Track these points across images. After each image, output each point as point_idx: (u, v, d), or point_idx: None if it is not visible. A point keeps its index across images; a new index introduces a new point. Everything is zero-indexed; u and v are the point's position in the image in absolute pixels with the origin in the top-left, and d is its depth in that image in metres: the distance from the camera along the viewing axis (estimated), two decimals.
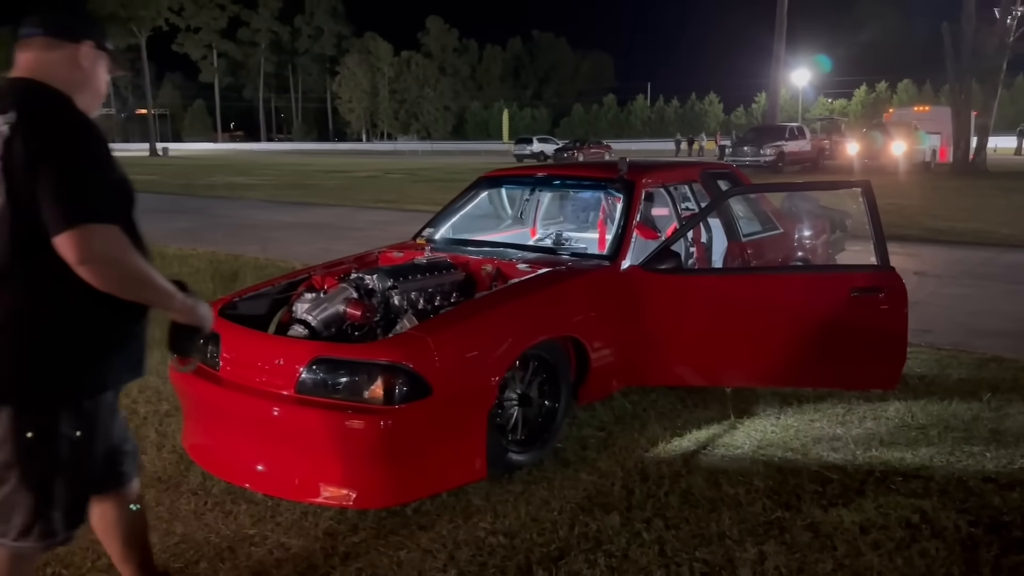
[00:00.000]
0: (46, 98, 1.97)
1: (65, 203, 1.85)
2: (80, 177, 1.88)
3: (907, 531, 2.94)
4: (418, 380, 3.03)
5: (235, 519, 3.08)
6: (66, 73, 2.03)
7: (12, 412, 1.95)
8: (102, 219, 1.89)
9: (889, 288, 3.59)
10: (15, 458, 1.97)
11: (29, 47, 2.03)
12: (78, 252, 1.85)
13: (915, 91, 72.77)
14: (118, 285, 1.94)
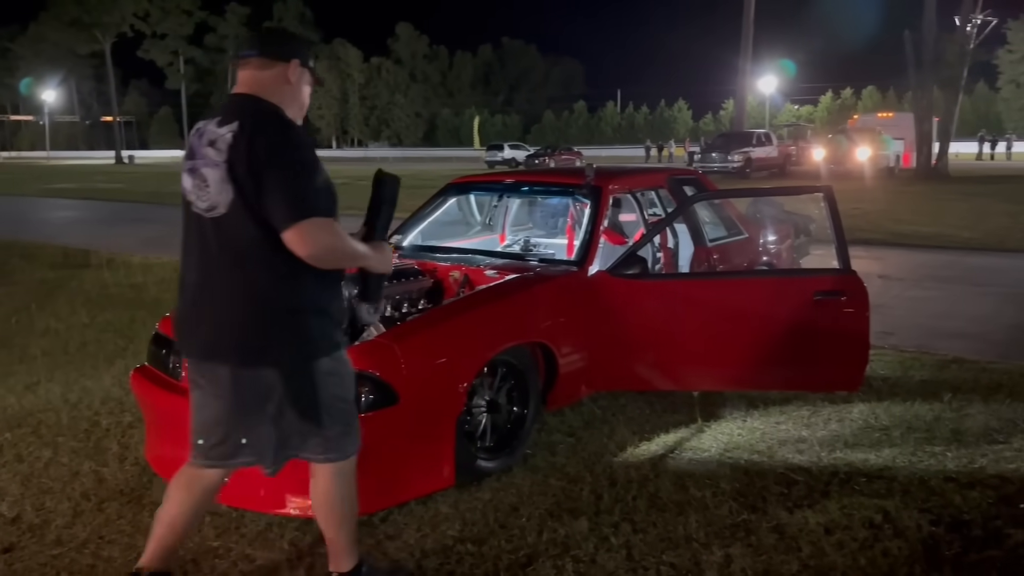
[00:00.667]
0: (263, 111, 2.26)
1: (290, 202, 2.13)
2: (299, 179, 2.16)
3: (870, 531, 2.97)
4: (385, 388, 3.01)
5: (199, 531, 3.03)
6: (278, 88, 2.32)
7: (277, 372, 2.27)
8: (320, 213, 2.16)
9: (851, 291, 3.64)
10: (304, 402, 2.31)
11: (247, 66, 2.33)
12: (304, 244, 2.14)
13: (879, 97, 74.17)
14: (335, 264, 2.30)
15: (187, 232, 2.32)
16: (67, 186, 28.10)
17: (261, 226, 2.17)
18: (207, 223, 2.23)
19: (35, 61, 78.58)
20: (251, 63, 2.33)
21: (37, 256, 10.34)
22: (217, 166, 2.19)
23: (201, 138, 2.25)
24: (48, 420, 4.21)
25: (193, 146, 2.28)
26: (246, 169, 2.14)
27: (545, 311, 3.77)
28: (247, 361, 2.26)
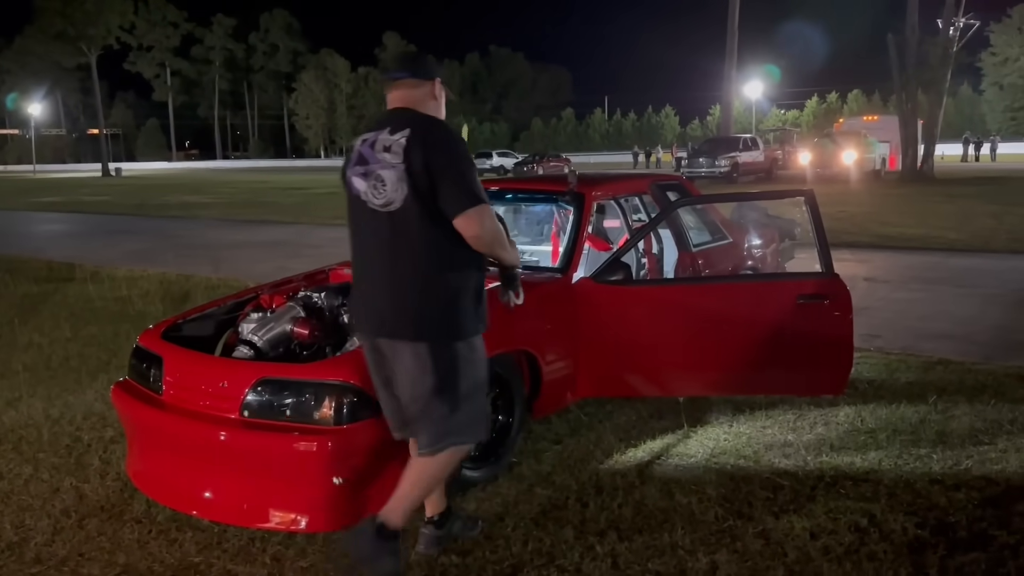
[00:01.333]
0: (427, 119, 2.64)
1: (464, 192, 2.51)
2: (468, 173, 2.56)
3: (856, 535, 2.96)
4: (366, 399, 2.98)
5: (180, 547, 3.00)
6: (426, 102, 2.71)
7: (429, 348, 2.57)
8: (484, 202, 2.53)
9: (834, 295, 3.64)
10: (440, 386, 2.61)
11: (401, 86, 2.71)
12: (474, 227, 2.53)
13: (865, 101, 74.59)
14: (491, 246, 2.65)
15: (358, 227, 2.69)
16: (53, 199, 27.95)
17: (430, 217, 2.54)
18: (383, 217, 2.58)
19: (21, 74, 78.32)
20: (405, 83, 2.71)
21: (21, 270, 10.25)
22: (394, 168, 2.54)
23: (373, 146, 2.61)
24: (29, 436, 4.16)
25: (363, 153, 2.64)
26: (421, 168, 2.51)
27: (529, 318, 3.74)
28: (420, 336, 2.59)
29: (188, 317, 3.86)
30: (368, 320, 2.70)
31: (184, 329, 3.75)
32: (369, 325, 2.70)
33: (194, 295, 7.92)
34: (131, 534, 3.11)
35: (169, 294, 8.14)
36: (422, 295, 2.59)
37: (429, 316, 2.59)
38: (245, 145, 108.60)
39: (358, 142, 2.70)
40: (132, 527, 3.16)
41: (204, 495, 3.15)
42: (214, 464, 3.12)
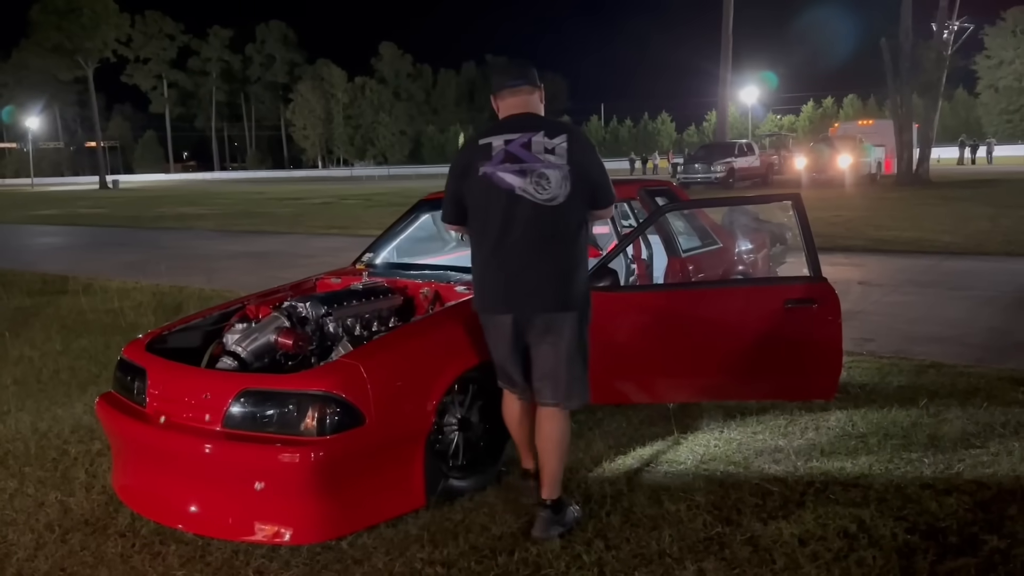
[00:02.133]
0: (570, 126, 3.07)
1: (608, 188, 3.07)
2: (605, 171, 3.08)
3: (845, 541, 2.94)
4: (350, 409, 2.97)
5: (163, 560, 2.97)
6: (540, 107, 3.15)
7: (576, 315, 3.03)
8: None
9: (822, 299, 3.62)
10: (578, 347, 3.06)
11: (520, 93, 3.09)
12: (610, 214, 3.22)
13: (860, 105, 74.77)
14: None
15: (508, 218, 2.95)
16: (50, 212, 27.93)
17: (579, 209, 2.99)
18: (546, 210, 2.93)
19: (18, 88, 78.39)
20: (523, 90, 3.09)
21: (15, 283, 10.23)
22: (559, 168, 2.92)
23: (528, 147, 2.96)
24: (16, 450, 4.13)
25: (516, 153, 2.96)
26: (581, 168, 2.95)
27: None
28: (577, 306, 3.03)
29: (173, 328, 3.83)
30: (525, 300, 3.01)
31: (169, 341, 3.73)
32: (528, 304, 3.01)
33: (187, 306, 7.90)
34: (114, 548, 3.08)
35: (162, 305, 8.11)
36: (576, 272, 3.02)
37: (580, 291, 3.04)
38: (243, 156, 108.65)
39: (498, 141, 2.99)
40: (116, 541, 3.13)
41: (189, 508, 3.13)
42: (198, 477, 3.10)
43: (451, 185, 3.10)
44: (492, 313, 3.10)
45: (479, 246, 3.07)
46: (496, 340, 3.14)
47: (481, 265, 3.08)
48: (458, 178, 3.06)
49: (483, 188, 2.98)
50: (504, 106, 3.10)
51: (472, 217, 3.07)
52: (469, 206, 3.06)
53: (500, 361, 3.19)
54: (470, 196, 3.03)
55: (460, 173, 3.06)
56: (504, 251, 2.99)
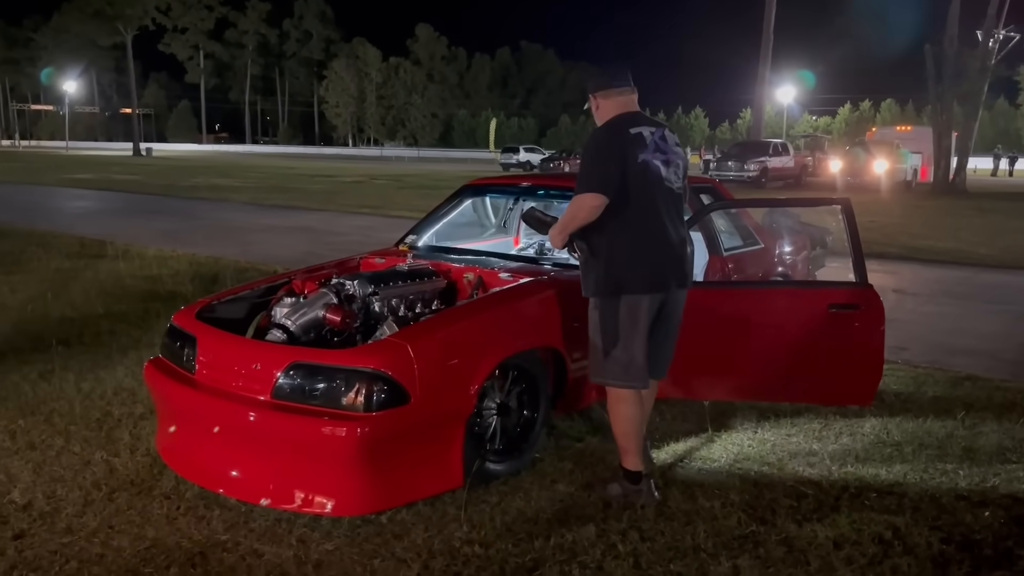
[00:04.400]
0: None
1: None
2: None
3: (880, 547, 2.95)
4: (396, 388, 3.02)
5: (208, 524, 3.05)
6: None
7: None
8: None
9: (867, 305, 3.62)
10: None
11: (630, 93, 3.38)
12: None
13: (898, 110, 73.74)
14: None
15: (657, 201, 3.24)
16: (85, 176, 28.30)
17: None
18: (676, 195, 3.32)
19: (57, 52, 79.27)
20: (632, 91, 3.38)
21: (53, 245, 10.41)
22: (682, 160, 3.35)
23: (665, 139, 3.29)
24: (61, 409, 4.24)
25: (659, 144, 3.26)
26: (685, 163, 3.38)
27: (558, 316, 3.76)
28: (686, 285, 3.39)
29: (221, 299, 3.91)
30: (673, 274, 3.28)
31: (217, 310, 3.80)
32: (675, 279, 3.29)
33: (223, 277, 8.00)
34: (160, 509, 3.16)
35: (199, 275, 8.23)
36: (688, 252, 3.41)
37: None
38: (274, 130, 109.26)
39: (645, 132, 3.24)
40: (161, 502, 3.22)
41: (231, 474, 3.21)
42: (243, 444, 3.18)
43: (612, 166, 3.16)
44: (647, 293, 3.22)
45: (637, 229, 3.21)
46: (638, 321, 3.23)
47: (641, 247, 3.22)
48: (620, 161, 3.16)
49: (643, 174, 3.19)
50: (616, 104, 3.33)
51: (631, 201, 3.18)
52: (629, 190, 3.17)
53: (636, 344, 3.24)
54: (632, 181, 3.17)
55: (620, 157, 3.17)
56: (662, 234, 3.24)
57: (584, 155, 3.30)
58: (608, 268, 3.23)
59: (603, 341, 3.28)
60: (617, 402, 3.31)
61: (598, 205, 3.14)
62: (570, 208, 3.23)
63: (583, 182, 3.19)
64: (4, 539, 2.88)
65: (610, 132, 3.26)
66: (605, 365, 3.30)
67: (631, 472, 3.32)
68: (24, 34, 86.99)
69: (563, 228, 3.27)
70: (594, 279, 3.29)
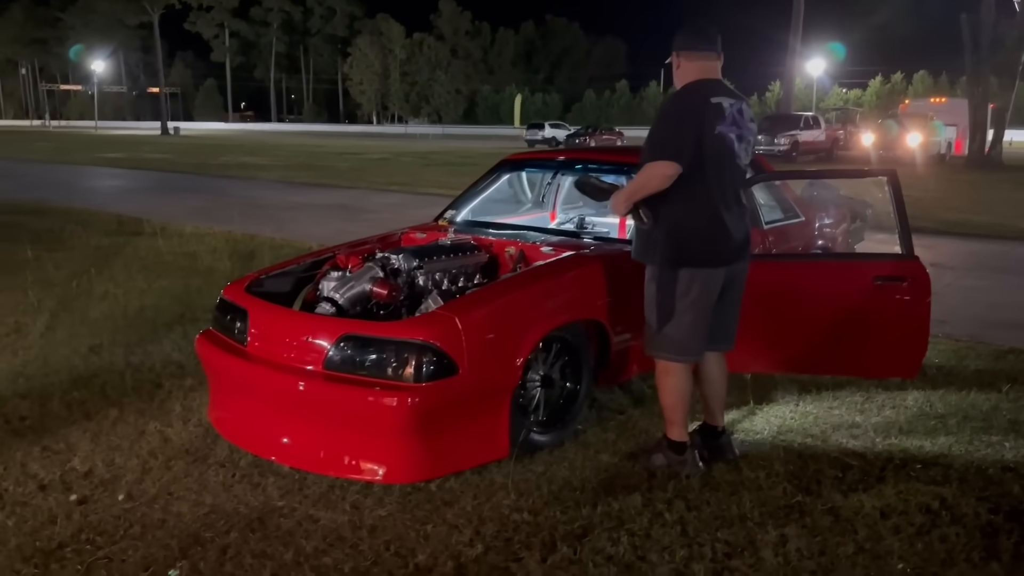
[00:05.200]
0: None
1: None
2: None
3: (927, 517, 2.96)
4: (445, 359, 3.07)
5: (263, 491, 3.13)
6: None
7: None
8: None
9: (913, 277, 3.60)
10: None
11: (716, 59, 3.22)
12: None
13: (931, 82, 72.28)
14: None
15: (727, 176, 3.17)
16: (115, 155, 28.62)
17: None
18: (742, 171, 3.25)
19: (84, 31, 79.98)
20: (718, 57, 3.22)
21: (92, 223, 10.59)
22: (753, 136, 3.25)
23: (742, 114, 3.17)
24: (113, 381, 4.34)
25: (736, 118, 3.15)
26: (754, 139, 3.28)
27: (600, 289, 3.78)
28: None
29: (269, 273, 3.97)
30: (737, 248, 3.25)
31: (265, 284, 3.87)
32: (737, 252, 3.26)
33: (260, 253, 8.11)
34: (216, 477, 3.25)
35: (236, 252, 8.34)
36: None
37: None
38: (299, 108, 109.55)
39: (725, 103, 3.11)
40: (216, 470, 3.30)
41: (283, 441, 3.29)
42: (296, 413, 3.25)
43: (688, 135, 3.05)
44: (712, 267, 3.19)
45: (705, 202, 3.13)
46: (700, 295, 3.19)
47: (708, 221, 3.15)
48: (697, 130, 3.06)
49: (718, 146, 3.10)
50: (698, 68, 3.18)
51: (702, 173, 3.09)
52: (703, 162, 3.07)
53: (694, 318, 3.20)
54: (706, 152, 3.07)
55: (698, 126, 3.06)
56: (728, 208, 3.18)
57: (660, 121, 3.16)
58: (672, 240, 3.16)
59: (658, 314, 3.24)
60: (666, 374, 3.32)
61: (671, 174, 3.04)
62: (641, 176, 3.12)
63: (657, 149, 3.08)
64: (70, 504, 2.98)
65: (690, 99, 3.14)
66: (659, 338, 3.27)
67: (676, 443, 3.34)
68: (52, 14, 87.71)
69: (630, 196, 3.17)
70: (656, 249, 3.21)
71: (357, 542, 2.77)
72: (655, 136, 3.13)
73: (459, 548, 2.74)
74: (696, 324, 3.23)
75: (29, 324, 5.44)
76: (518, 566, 2.64)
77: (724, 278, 3.24)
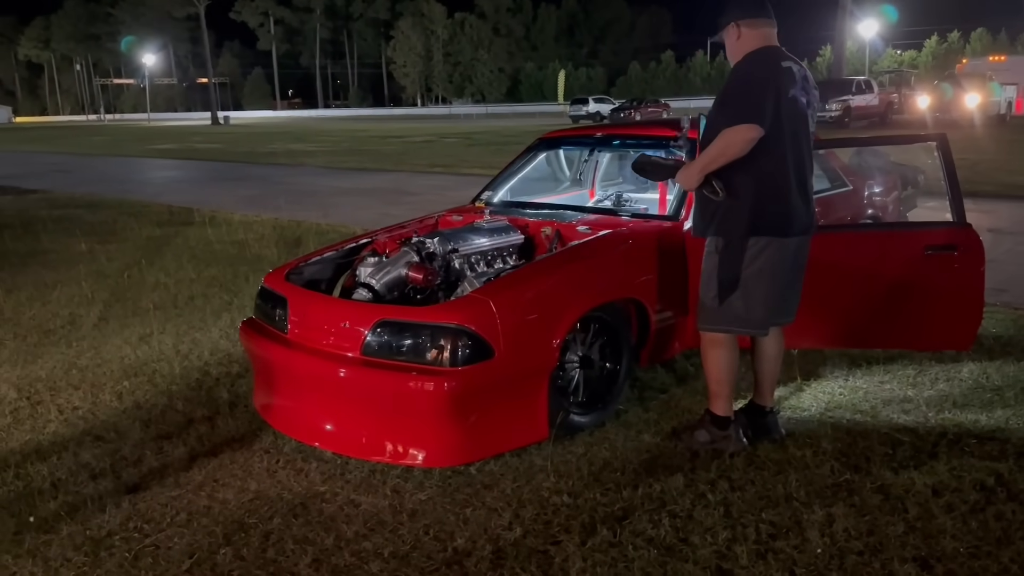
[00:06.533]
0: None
1: None
2: None
3: (981, 494, 2.86)
4: (480, 342, 3.05)
5: (306, 476, 3.17)
6: None
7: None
8: None
9: (965, 246, 3.46)
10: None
11: (774, 27, 3.13)
12: None
13: (990, 40, 69.45)
14: None
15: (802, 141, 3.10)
16: (168, 147, 29.24)
17: None
18: (810, 137, 3.17)
19: (135, 25, 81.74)
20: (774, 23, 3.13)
21: (144, 214, 10.84)
22: (816, 103, 3.16)
23: (807, 80, 3.10)
24: (162, 370, 4.44)
25: (803, 83, 3.08)
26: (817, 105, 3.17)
27: (638, 267, 3.72)
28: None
29: (308, 260, 4.00)
30: (809, 217, 3.18)
31: (305, 272, 3.90)
32: (810, 222, 3.19)
33: (306, 240, 8.20)
34: (260, 463, 3.30)
35: (283, 238, 8.45)
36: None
37: None
38: (345, 94, 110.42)
39: (793, 67, 3.06)
40: (261, 456, 3.35)
41: (326, 428, 3.32)
42: (336, 399, 3.27)
43: (768, 98, 2.95)
44: (791, 236, 3.11)
45: (782, 168, 3.04)
46: (781, 265, 3.12)
47: (790, 188, 3.06)
48: (775, 93, 2.97)
49: (792, 111, 3.02)
50: (761, 35, 3.10)
51: (780, 138, 3.00)
52: (782, 125, 2.99)
53: (765, 289, 3.12)
54: (784, 116, 2.99)
55: (776, 89, 2.98)
56: (802, 174, 3.12)
57: (736, 84, 3.04)
58: (745, 208, 3.04)
59: (720, 286, 3.14)
60: (713, 346, 3.24)
61: (753, 137, 2.92)
62: (719, 142, 2.98)
63: (733, 113, 2.95)
64: (119, 493, 3.06)
65: (765, 62, 3.04)
66: (720, 311, 3.16)
67: (719, 417, 3.28)
68: (103, 10, 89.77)
69: (707, 164, 3.02)
70: (726, 219, 3.09)
71: (397, 526, 2.78)
72: (731, 100, 3.02)
73: (498, 531, 2.73)
74: (767, 296, 3.13)
75: (83, 316, 5.59)
76: (556, 549, 2.62)
77: (793, 248, 3.14)
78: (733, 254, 3.10)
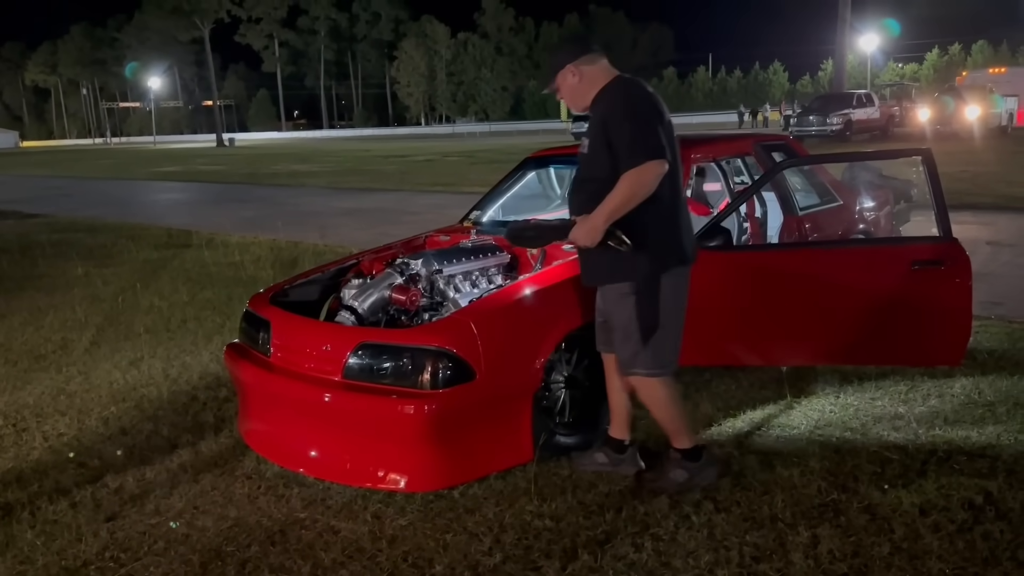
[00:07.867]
0: None
1: None
2: None
3: (970, 513, 2.81)
4: (461, 364, 3.03)
5: (287, 502, 3.13)
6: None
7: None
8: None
9: (951, 260, 3.42)
10: None
11: (605, 56, 3.07)
12: None
13: (991, 52, 69.55)
14: None
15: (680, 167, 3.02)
16: (171, 169, 29.39)
17: None
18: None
19: (140, 49, 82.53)
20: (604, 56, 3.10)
21: (143, 237, 10.86)
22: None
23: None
24: (150, 395, 4.42)
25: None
26: None
27: None
28: None
29: (294, 283, 3.99)
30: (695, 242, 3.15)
31: (290, 294, 3.89)
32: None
33: (302, 261, 8.20)
34: (242, 489, 3.27)
35: (279, 260, 8.45)
36: None
37: None
38: (350, 114, 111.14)
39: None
40: (243, 483, 3.32)
41: (310, 454, 3.29)
42: (319, 424, 3.25)
43: (659, 127, 2.83)
44: (690, 263, 3.06)
45: (673, 198, 2.95)
46: (683, 295, 3.05)
47: (682, 215, 3.01)
48: (666, 126, 2.88)
49: (670, 134, 2.90)
50: (604, 68, 3.03)
51: (673, 165, 2.89)
52: (674, 151, 2.92)
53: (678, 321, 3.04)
54: (667, 140, 2.85)
55: (660, 115, 2.88)
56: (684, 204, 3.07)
57: (624, 120, 2.82)
58: (658, 245, 2.90)
59: (642, 330, 2.96)
60: (654, 389, 3.07)
61: (661, 173, 2.76)
62: (626, 186, 2.76)
63: (638, 150, 2.75)
64: (98, 522, 3.03)
65: (637, 89, 2.92)
66: (645, 354, 2.99)
67: (689, 450, 3.15)
68: (109, 34, 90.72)
69: (612, 213, 2.80)
70: (630, 263, 2.90)
71: (375, 553, 2.75)
72: (624, 138, 2.80)
73: (477, 557, 2.69)
74: (680, 330, 3.06)
75: (75, 340, 5.59)
76: (536, 575, 2.58)
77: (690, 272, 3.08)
78: (647, 294, 2.94)
